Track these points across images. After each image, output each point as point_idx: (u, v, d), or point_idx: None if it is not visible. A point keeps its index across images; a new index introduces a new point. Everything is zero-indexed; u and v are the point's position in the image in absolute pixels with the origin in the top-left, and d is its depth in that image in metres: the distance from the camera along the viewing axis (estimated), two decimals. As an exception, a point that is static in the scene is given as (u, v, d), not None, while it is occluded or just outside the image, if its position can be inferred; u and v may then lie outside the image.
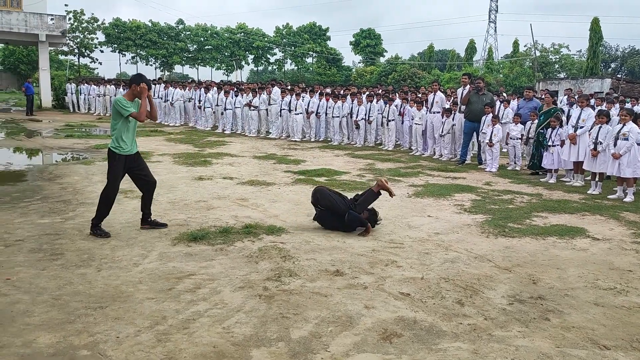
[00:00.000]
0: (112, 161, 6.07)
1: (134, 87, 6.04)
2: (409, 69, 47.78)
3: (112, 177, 6.06)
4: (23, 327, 3.70)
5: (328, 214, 6.40)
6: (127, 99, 6.03)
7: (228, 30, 61.81)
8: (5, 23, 27.48)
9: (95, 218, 6.04)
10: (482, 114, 11.95)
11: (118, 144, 6.01)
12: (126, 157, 6.07)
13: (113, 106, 6.07)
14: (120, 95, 6.16)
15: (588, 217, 7.41)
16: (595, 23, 38.01)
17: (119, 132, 6.01)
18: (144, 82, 6.05)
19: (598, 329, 3.91)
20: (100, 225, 6.02)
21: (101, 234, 5.92)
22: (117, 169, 6.05)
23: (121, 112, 5.96)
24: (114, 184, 6.07)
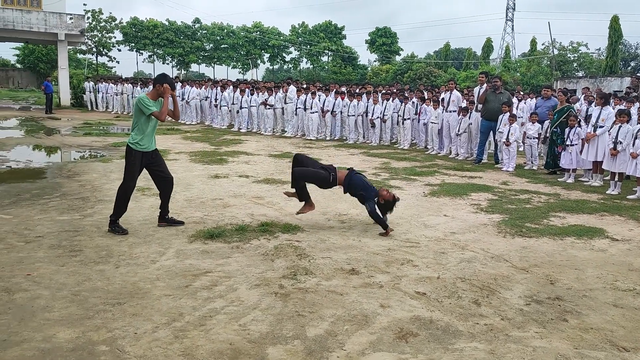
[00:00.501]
0: (129, 157, 6.14)
1: (158, 87, 6.11)
2: (425, 68, 47.57)
3: (129, 173, 6.14)
4: (43, 322, 3.76)
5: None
6: (150, 98, 6.10)
7: (244, 29, 61.99)
8: (25, 22, 27.86)
9: (112, 214, 6.12)
10: (499, 112, 11.85)
11: (136, 141, 6.07)
12: (143, 153, 6.13)
13: (135, 104, 6.14)
14: (143, 94, 6.23)
15: (607, 218, 7.32)
16: (614, 21, 37.53)
17: (139, 130, 6.08)
18: (168, 82, 6.10)
19: (617, 331, 3.87)
20: (117, 222, 6.09)
21: (119, 231, 5.99)
22: (134, 166, 6.11)
23: (143, 110, 6.02)
24: (131, 180, 6.13)
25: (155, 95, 6.13)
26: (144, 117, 6.07)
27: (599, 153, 9.59)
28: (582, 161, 10.10)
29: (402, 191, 8.82)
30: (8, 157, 12.06)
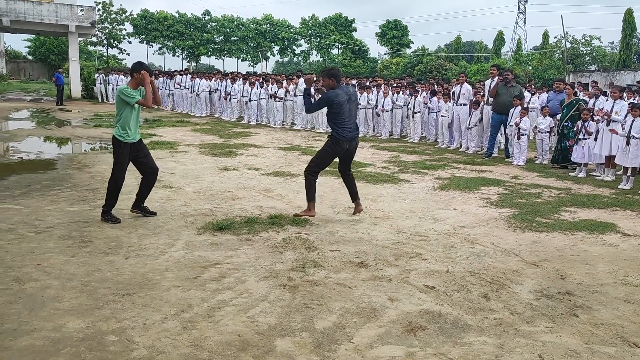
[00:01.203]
0: (117, 149, 6.17)
1: (135, 75, 6.12)
2: (436, 61, 47.27)
3: (118, 165, 6.18)
4: (53, 312, 3.79)
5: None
6: (131, 87, 6.13)
7: (254, 22, 61.95)
8: (36, 14, 27.99)
9: (105, 205, 6.18)
10: (510, 106, 11.75)
11: (123, 132, 6.12)
12: (131, 144, 6.18)
13: (117, 95, 6.16)
14: (124, 85, 6.25)
15: (619, 213, 7.25)
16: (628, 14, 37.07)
17: (124, 121, 6.11)
18: (144, 69, 6.11)
19: (628, 326, 3.83)
20: (110, 212, 6.16)
21: (112, 220, 6.06)
22: (123, 157, 6.17)
23: (127, 101, 6.06)
24: (121, 171, 6.19)
25: (135, 84, 6.15)
26: (128, 108, 6.10)
27: (612, 147, 9.48)
28: (594, 155, 10.00)
29: (412, 184, 8.79)
30: (19, 148, 12.16)
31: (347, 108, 6.19)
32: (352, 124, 6.30)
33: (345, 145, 6.23)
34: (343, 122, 6.21)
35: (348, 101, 6.18)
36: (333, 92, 6.18)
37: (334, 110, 6.18)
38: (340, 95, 6.13)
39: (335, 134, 6.24)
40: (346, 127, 6.22)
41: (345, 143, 6.22)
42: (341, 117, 6.19)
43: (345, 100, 6.15)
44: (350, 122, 6.27)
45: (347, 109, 6.18)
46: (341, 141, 6.21)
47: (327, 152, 6.34)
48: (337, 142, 6.23)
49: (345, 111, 6.17)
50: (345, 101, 6.15)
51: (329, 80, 6.24)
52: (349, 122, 6.24)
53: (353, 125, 6.32)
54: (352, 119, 6.31)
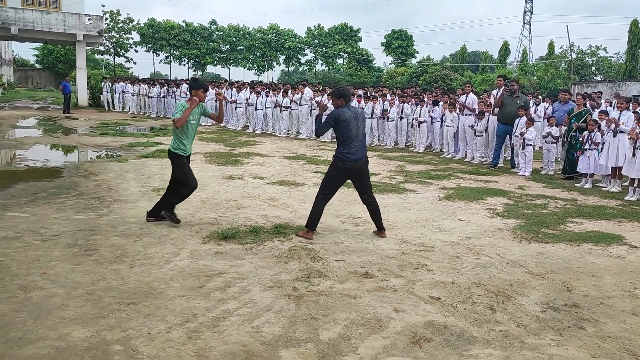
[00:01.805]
0: (177, 162, 6.36)
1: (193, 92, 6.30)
2: (441, 71, 47.32)
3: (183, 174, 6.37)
4: (58, 321, 3.79)
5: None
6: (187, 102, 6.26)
7: (260, 31, 62.25)
8: (44, 23, 28.22)
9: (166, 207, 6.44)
10: (515, 116, 11.74)
11: (178, 146, 6.33)
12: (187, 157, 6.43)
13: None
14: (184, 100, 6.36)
15: (625, 224, 7.21)
16: (634, 25, 37.02)
17: (179, 135, 6.31)
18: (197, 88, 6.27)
19: (635, 340, 3.80)
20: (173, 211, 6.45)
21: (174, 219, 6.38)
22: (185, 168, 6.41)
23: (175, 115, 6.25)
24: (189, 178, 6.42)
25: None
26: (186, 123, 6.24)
27: (619, 158, 9.45)
28: (600, 166, 9.96)
29: (417, 194, 8.77)
30: (26, 155, 12.22)
31: (354, 126, 5.98)
32: (359, 144, 6.04)
33: (350, 165, 5.98)
34: (349, 141, 5.98)
35: (355, 119, 6.00)
36: (339, 110, 6.04)
37: (340, 128, 5.99)
38: (347, 113, 5.97)
39: (340, 154, 6.02)
40: (352, 146, 5.98)
41: (349, 163, 5.97)
42: (347, 136, 5.98)
43: (352, 118, 5.97)
44: (357, 141, 6.02)
45: (353, 127, 5.97)
46: (345, 161, 5.97)
47: (332, 174, 6.13)
48: (341, 162, 6.00)
49: (351, 129, 5.97)
50: (352, 119, 5.97)
51: (337, 100, 6.11)
52: (355, 141, 6.00)
53: (360, 144, 6.05)
54: (359, 138, 6.06)
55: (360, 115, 6.18)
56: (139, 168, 10.44)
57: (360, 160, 6.05)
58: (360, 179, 6.18)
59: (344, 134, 6.00)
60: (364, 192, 6.25)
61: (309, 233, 6.06)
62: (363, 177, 6.17)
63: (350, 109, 6.09)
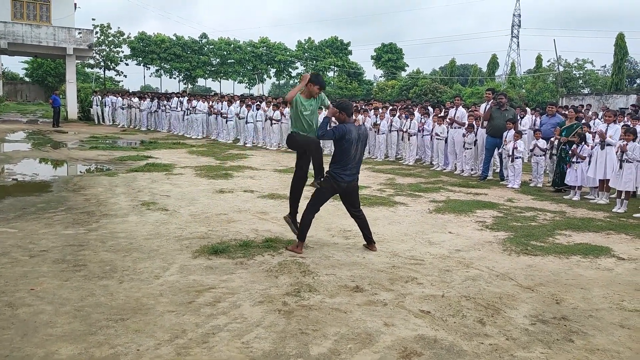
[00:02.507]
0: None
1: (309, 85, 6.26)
2: (431, 84, 47.70)
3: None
4: (46, 338, 3.75)
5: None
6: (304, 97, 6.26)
7: (251, 44, 62.49)
8: (34, 37, 28.16)
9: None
10: (503, 129, 11.85)
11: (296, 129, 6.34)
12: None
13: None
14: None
15: (613, 236, 7.27)
16: (620, 38, 37.62)
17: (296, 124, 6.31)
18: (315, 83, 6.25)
19: (624, 352, 3.82)
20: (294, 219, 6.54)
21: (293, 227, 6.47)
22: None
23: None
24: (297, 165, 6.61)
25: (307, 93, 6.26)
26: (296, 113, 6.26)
27: (607, 171, 9.54)
28: (588, 179, 10.05)
29: (407, 207, 8.80)
30: (15, 170, 12.13)
31: (355, 148, 5.85)
32: (355, 166, 5.97)
33: (343, 185, 5.96)
34: (347, 162, 5.87)
35: (357, 141, 5.85)
36: (348, 126, 5.86)
37: (342, 147, 5.84)
38: (353, 133, 5.82)
39: (334, 174, 5.92)
40: (348, 168, 5.89)
41: (343, 184, 5.94)
42: (347, 156, 5.84)
43: (356, 139, 5.84)
44: (354, 163, 5.93)
45: (354, 149, 5.84)
46: (339, 182, 5.92)
47: (324, 191, 6.09)
48: (335, 182, 5.94)
49: (352, 150, 5.84)
50: (355, 140, 5.84)
51: (340, 113, 5.99)
52: (352, 162, 5.90)
53: (356, 167, 5.98)
54: (357, 160, 5.95)
55: (363, 136, 6.03)
56: (129, 182, 10.40)
57: (353, 182, 6.05)
58: (350, 197, 6.19)
59: (344, 154, 5.85)
60: (352, 206, 6.26)
61: (299, 247, 6.05)
62: (352, 196, 6.19)
63: (357, 129, 5.93)
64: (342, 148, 5.85)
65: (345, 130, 5.81)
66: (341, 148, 5.86)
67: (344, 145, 5.82)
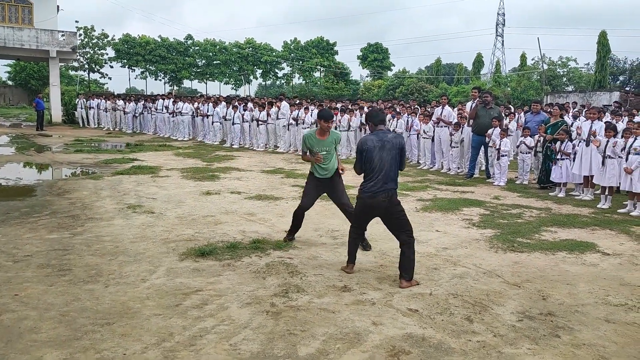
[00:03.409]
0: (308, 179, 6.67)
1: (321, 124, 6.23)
2: (417, 83, 47.90)
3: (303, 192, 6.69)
4: (30, 344, 3.70)
5: None
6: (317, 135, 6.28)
7: (236, 46, 62.26)
8: (16, 39, 27.84)
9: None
10: (489, 127, 11.92)
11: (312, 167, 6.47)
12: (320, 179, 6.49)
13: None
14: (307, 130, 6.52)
15: (598, 232, 7.35)
16: (602, 36, 38.02)
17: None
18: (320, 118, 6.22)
19: (609, 347, 3.86)
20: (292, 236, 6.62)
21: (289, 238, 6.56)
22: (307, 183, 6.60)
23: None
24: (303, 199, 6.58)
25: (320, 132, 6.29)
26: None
27: (592, 167, 9.63)
28: (573, 175, 10.14)
29: (394, 206, 8.80)
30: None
31: (378, 156, 5.18)
32: (382, 177, 5.19)
33: (368, 201, 5.26)
34: (369, 173, 5.26)
35: (380, 148, 5.19)
36: (364, 138, 5.40)
37: (363, 160, 5.27)
38: (370, 141, 5.23)
39: (360, 187, 5.35)
40: (372, 178, 5.22)
41: (367, 199, 5.26)
42: (368, 167, 5.25)
43: (377, 146, 5.19)
44: (380, 174, 5.18)
45: (377, 158, 5.18)
46: (362, 196, 5.30)
47: (357, 208, 5.53)
48: (359, 197, 5.37)
49: (374, 160, 5.19)
50: (377, 147, 5.19)
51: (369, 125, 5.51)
52: (378, 173, 5.19)
53: (383, 178, 5.19)
54: (383, 170, 5.19)
55: (389, 143, 5.23)
56: (114, 185, 10.31)
57: (379, 195, 5.22)
58: (386, 216, 5.37)
59: (366, 166, 5.28)
60: (394, 230, 5.40)
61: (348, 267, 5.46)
62: (388, 215, 5.34)
63: (378, 135, 5.28)
64: (364, 161, 5.29)
65: (361, 143, 5.36)
66: (363, 162, 5.30)
67: (364, 157, 5.27)
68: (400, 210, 5.30)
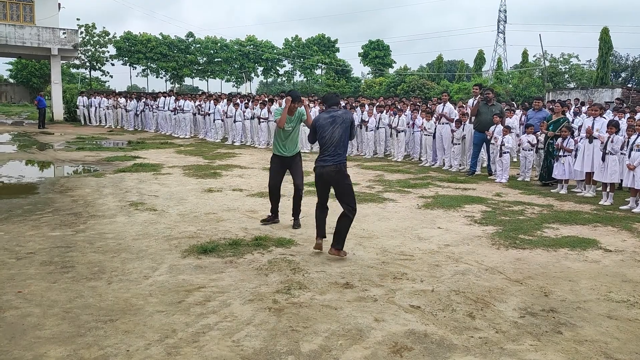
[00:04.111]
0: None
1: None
2: (418, 80, 47.81)
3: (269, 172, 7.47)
4: (34, 341, 3.72)
5: None
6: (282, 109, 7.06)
7: (237, 43, 62.20)
8: (18, 37, 27.85)
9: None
10: (491, 124, 11.92)
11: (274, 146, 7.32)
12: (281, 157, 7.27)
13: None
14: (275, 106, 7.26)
15: (600, 229, 7.34)
16: (604, 33, 37.93)
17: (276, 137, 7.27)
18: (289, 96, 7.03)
19: (611, 343, 3.86)
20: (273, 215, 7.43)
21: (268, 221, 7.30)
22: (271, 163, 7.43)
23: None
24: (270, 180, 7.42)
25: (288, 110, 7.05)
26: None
27: (593, 163, 9.62)
28: (574, 172, 10.14)
29: (396, 203, 8.82)
30: (0, 172, 12.00)
31: (330, 131, 5.69)
32: (333, 149, 5.71)
33: (320, 170, 5.78)
34: (322, 146, 5.79)
35: (332, 123, 5.70)
36: (318, 115, 5.97)
37: (317, 135, 5.86)
38: (323, 119, 5.79)
39: (316, 160, 5.87)
40: (324, 151, 5.75)
41: (319, 169, 5.79)
42: (321, 141, 5.80)
43: (329, 122, 5.72)
44: (330, 148, 5.71)
45: (328, 133, 5.69)
46: (316, 167, 5.83)
47: (315, 180, 6.01)
48: (314, 168, 5.89)
49: (325, 135, 5.72)
50: (328, 123, 5.71)
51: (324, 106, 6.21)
52: (328, 147, 5.72)
53: (332, 151, 5.71)
54: (333, 144, 5.70)
55: (339, 118, 5.76)
56: (117, 182, 10.33)
57: (328, 167, 5.72)
58: (334, 186, 5.84)
59: (320, 141, 5.83)
60: (341, 200, 5.87)
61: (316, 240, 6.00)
62: (336, 184, 5.80)
63: (329, 113, 5.83)
64: (318, 136, 5.88)
65: (314, 120, 6.00)
66: (317, 137, 5.90)
67: (318, 132, 5.87)
68: (347, 183, 5.84)
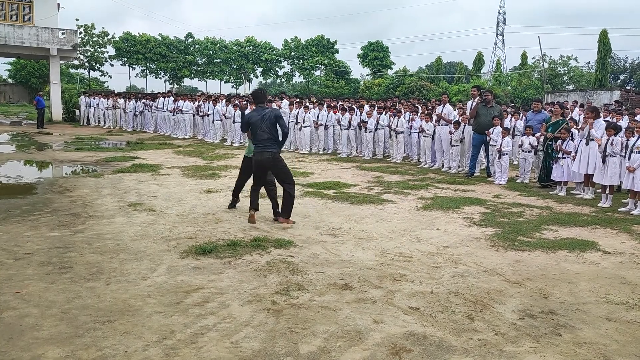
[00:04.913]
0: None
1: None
2: (417, 82, 47.83)
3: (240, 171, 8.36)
4: (32, 341, 3.71)
5: None
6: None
7: (237, 44, 62.20)
8: (17, 37, 27.82)
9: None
10: (490, 126, 11.92)
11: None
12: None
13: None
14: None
15: (599, 231, 7.35)
16: (603, 35, 37.96)
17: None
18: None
19: (610, 345, 3.86)
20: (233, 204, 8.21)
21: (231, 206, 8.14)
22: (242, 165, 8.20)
23: None
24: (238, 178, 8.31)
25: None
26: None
27: (590, 166, 9.63)
28: (573, 174, 10.14)
29: (395, 205, 8.82)
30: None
31: (260, 127, 7.06)
32: (264, 142, 7.10)
33: (257, 157, 7.20)
34: (255, 140, 7.18)
35: (261, 120, 7.07)
36: (249, 114, 7.28)
37: (251, 130, 7.22)
38: (253, 117, 7.14)
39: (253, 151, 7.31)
40: (258, 144, 7.14)
41: (257, 156, 7.21)
42: (254, 136, 7.17)
43: (259, 119, 7.08)
44: (260, 138, 7.10)
45: (259, 129, 7.06)
46: (254, 156, 7.27)
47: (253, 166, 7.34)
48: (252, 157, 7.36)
49: (257, 130, 7.10)
50: (258, 121, 7.07)
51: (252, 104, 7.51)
52: (259, 137, 7.10)
53: (265, 142, 7.10)
54: (263, 136, 7.09)
55: (267, 115, 7.11)
56: (115, 183, 10.31)
57: (265, 154, 7.14)
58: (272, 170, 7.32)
59: (253, 136, 7.21)
60: (279, 180, 7.37)
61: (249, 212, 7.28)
62: (273, 169, 7.26)
63: (258, 111, 7.17)
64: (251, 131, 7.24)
65: (247, 117, 7.27)
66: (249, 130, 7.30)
67: (251, 128, 7.22)
68: (282, 166, 7.30)
